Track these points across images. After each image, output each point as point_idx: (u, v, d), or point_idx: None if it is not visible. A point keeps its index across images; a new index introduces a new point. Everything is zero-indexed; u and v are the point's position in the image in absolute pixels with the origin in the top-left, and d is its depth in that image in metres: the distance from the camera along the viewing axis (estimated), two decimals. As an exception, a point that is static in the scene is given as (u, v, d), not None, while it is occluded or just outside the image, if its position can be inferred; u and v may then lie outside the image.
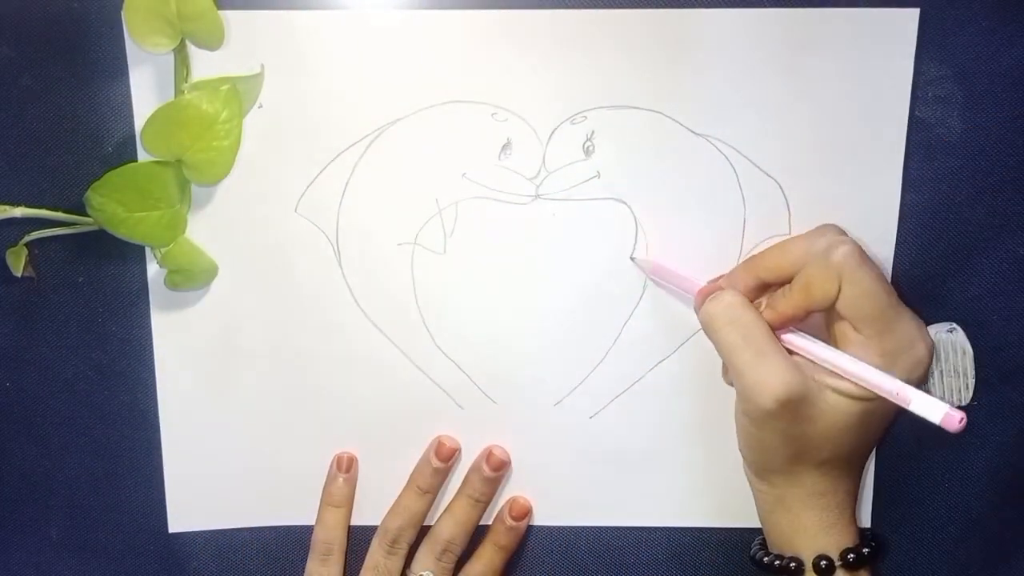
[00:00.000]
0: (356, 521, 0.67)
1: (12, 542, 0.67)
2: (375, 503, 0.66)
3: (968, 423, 0.64)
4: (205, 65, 0.59)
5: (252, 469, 0.66)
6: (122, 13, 0.58)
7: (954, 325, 0.63)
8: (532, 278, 0.63)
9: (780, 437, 0.57)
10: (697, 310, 0.60)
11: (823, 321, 0.59)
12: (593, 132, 0.62)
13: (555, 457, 0.66)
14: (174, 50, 0.58)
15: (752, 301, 0.59)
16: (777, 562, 0.60)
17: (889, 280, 0.63)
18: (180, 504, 0.67)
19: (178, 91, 0.59)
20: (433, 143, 0.62)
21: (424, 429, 0.66)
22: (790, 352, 0.58)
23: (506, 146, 0.62)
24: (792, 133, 0.62)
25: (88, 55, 0.60)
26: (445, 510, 0.66)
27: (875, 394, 0.56)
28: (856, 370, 0.56)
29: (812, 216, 0.62)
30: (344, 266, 0.63)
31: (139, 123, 0.61)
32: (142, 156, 0.61)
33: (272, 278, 0.63)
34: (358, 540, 0.67)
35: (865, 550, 0.59)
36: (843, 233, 0.59)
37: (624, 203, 0.63)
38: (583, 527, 0.67)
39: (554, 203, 0.62)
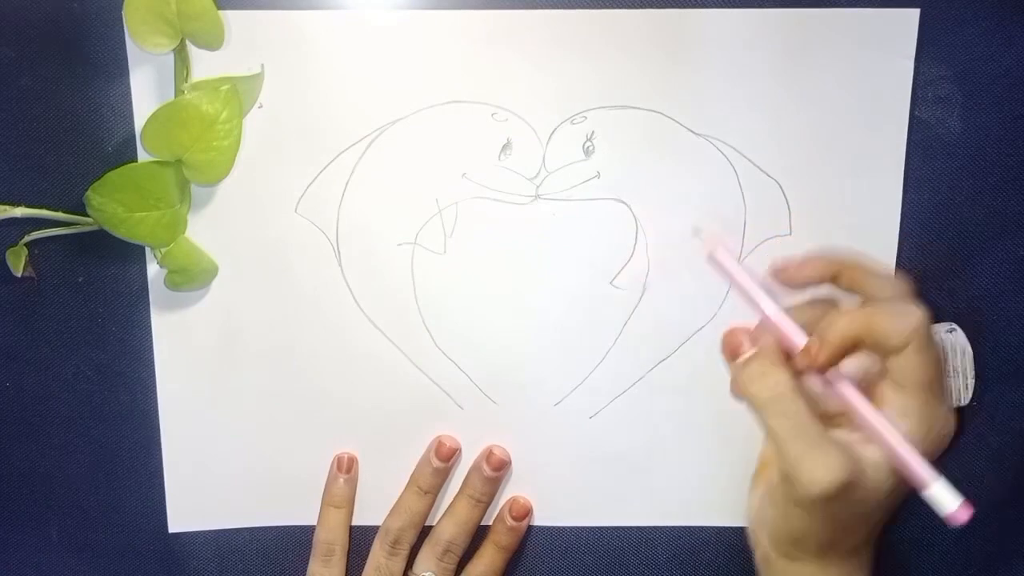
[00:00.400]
0: (357, 521, 0.67)
1: (12, 542, 0.67)
2: (376, 503, 0.66)
3: (968, 423, 0.65)
4: (205, 65, 0.59)
5: (252, 469, 0.66)
6: (122, 13, 0.58)
7: (954, 325, 0.63)
8: (532, 278, 0.63)
9: (826, 522, 0.54)
10: (724, 349, 0.57)
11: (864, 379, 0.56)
12: (593, 132, 0.62)
13: (555, 457, 0.66)
14: (174, 50, 0.58)
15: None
16: None
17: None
18: (180, 504, 0.66)
19: (178, 91, 0.59)
20: (433, 143, 0.62)
21: (424, 429, 0.66)
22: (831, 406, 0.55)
23: (506, 146, 0.62)
24: (792, 133, 0.62)
25: (88, 55, 0.60)
26: (446, 511, 0.66)
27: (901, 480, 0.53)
28: (894, 443, 0.53)
29: (812, 216, 0.62)
30: (344, 266, 0.63)
31: (139, 123, 0.61)
32: (142, 156, 0.61)
33: (272, 278, 0.63)
34: (359, 540, 0.67)
35: None
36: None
37: (624, 203, 0.63)
38: (583, 527, 0.67)
39: (554, 203, 0.62)
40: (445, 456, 0.65)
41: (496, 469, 0.65)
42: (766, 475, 0.58)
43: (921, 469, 0.52)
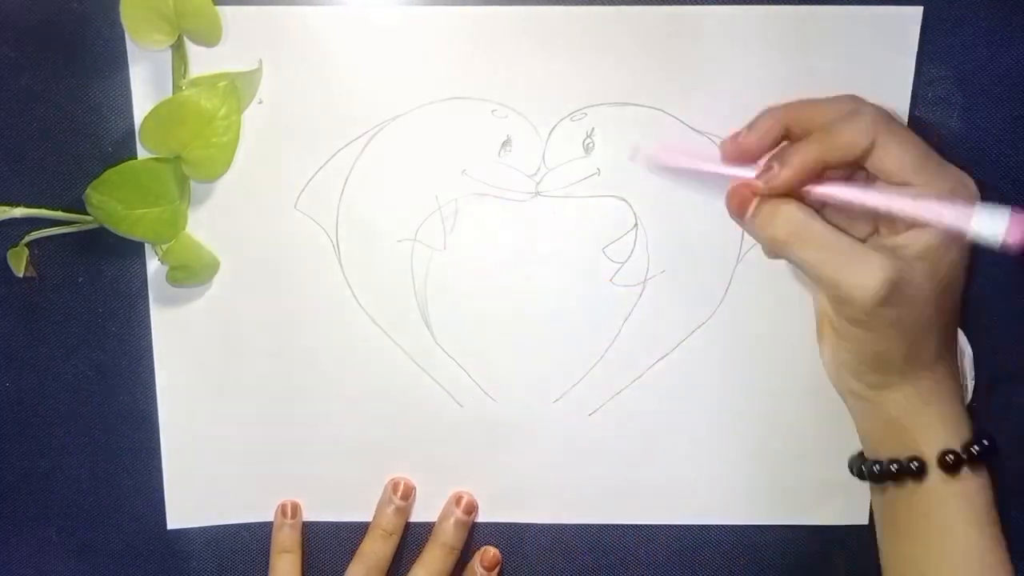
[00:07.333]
0: (357, 519, 0.67)
1: (12, 542, 0.67)
2: (375, 501, 0.66)
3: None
4: (203, 61, 0.59)
5: (251, 466, 0.66)
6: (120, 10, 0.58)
7: (955, 325, 0.63)
8: (532, 275, 0.63)
9: (894, 332, 0.52)
10: (730, 206, 0.55)
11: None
12: (593, 129, 0.62)
13: (554, 454, 0.66)
14: (172, 46, 0.58)
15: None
16: (894, 466, 0.54)
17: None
18: (179, 502, 0.66)
19: (176, 88, 0.59)
20: (433, 140, 0.62)
21: (423, 426, 0.66)
22: (830, 209, 0.54)
23: (506, 143, 0.62)
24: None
25: (87, 54, 0.61)
26: (417, 561, 0.66)
27: (948, 241, 0.51)
28: (913, 207, 0.51)
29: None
30: (344, 263, 0.63)
31: (139, 121, 0.61)
32: (141, 153, 0.61)
33: (271, 275, 0.63)
34: (356, 537, 0.67)
35: (985, 441, 0.54)
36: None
37: (624, 200, 0.62)
38: (583, 525, 0.67)
39: (554, 200, 0.62)
40: (406, 493, 0.65)
41: (468, 513, 0.65)
42: (826, 323, 0.56)
43: (951, 212, 0.50)
